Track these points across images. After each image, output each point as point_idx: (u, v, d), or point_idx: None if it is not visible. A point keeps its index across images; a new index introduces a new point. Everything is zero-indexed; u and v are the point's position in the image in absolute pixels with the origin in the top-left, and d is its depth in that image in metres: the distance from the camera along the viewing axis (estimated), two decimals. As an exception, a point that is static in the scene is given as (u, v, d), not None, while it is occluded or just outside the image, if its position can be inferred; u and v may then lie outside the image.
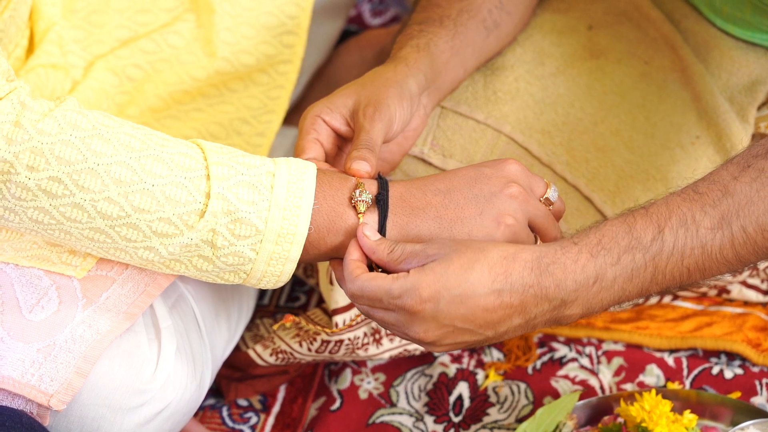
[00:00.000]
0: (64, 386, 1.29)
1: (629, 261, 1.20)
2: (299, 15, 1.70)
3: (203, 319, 1.51)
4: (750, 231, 1.20)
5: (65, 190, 1.22)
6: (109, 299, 1.33)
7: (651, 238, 1.20)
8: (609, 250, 1.20)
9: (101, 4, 1.68)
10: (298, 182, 1.24)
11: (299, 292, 1.83)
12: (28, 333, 1.30)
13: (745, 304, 1.69)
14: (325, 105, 1.37)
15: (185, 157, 1.24)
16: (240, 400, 1.69)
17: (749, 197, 1.20)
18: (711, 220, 1.20)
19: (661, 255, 1.20)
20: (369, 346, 1.61)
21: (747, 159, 1.23)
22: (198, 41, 1.68)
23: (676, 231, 1.20)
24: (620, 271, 1.20)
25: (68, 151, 1.21)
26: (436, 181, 1.29)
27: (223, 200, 1.23)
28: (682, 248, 1.20)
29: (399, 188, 1.28)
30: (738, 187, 1.21)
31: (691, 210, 1.20)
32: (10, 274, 1.33)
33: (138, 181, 1.22)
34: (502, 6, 1.54)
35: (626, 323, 1.68)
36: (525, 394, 1.63)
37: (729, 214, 1.20)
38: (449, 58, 1.47)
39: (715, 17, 1.63)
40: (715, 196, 1.21)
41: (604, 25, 1.66)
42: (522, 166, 1.29)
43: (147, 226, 1.24)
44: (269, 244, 1.25)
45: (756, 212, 1.20)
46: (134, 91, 1.67)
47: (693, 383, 1.62)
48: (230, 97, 1.68)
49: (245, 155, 1.26)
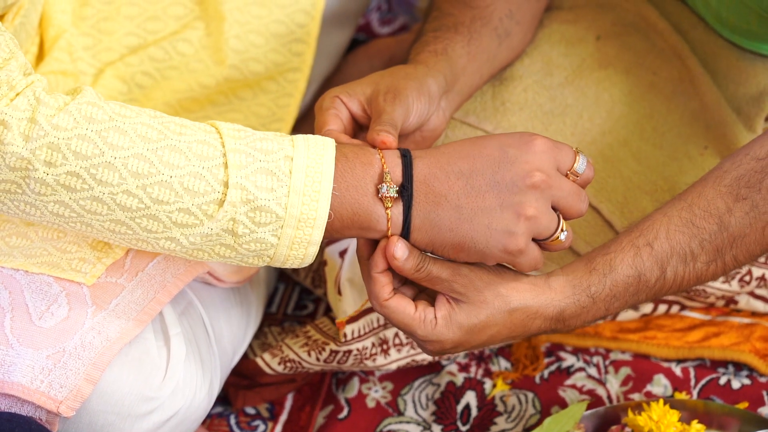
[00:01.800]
0: (74, 393, 1.29)
1: (634, 300, 1.34)
2: (308, 23, 1.70)
3: (212, 327, 1.51)
4: (741, 259, 1.34)
5: (84, 185, 1.21)
6: (118, 306, 1.34)
7: (655, 279, 1.32)
8: (619, 299, 1.32)
9: (111, 11, 1.68)
10: (317, 166, 1.22)
11: (307, 301, 1.83)
12: (37, 339, 1.30)
13: (753, 315, 1.69)
14: (343, 89, 1.35)
15: (203, 145, 1.22)
16: (248, 408, 1.69)
17: (743, 231, 1.31)
18: (707, 256, 1.32)
19: (662, 290, 1.34)
20: (377, 356, 1.61)
21: (739, 187, 1.32)
22: (207, 49, 1.68)
23: (675, 268, 1.32)
24: (625, 306, 1.34)
25: (85, 145, 1.20)
26: (459, 160, 1.25)
27: (241, 189, 1.21)
28: (680, 282, 1.33)
29: (423, 169, 1.25)
30: (732, 221, 1.31)
31: (690, 245, 1.31)
32: (20, 281, 1.34)
33: (156, 173, 1.21)
34: (512, 15, 1.54)
35: (634, 333, 1.68)
36: (532, 404, 1.63)
37: (723, 247, 1.32)
38: (466, 64, 1.47)
39: (722, 28, 1.63)
40: (711, 229, 1.31)
41: (612, 36, 1.67)
42: (548, 144, 1.26)
43: (167, 217, 1.22)
44: (290, 229, 1.23)
45: (748, 243, 1.32)
46: (143, 98, 1.67)
47: (700, 393, 1.62)
48: (239, 105, 1.68)
49: (264, 138, 1.24)
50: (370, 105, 1.35)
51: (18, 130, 1.19)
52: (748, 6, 1.53)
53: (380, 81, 1.35)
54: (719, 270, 1.33)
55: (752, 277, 1.61)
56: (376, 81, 1.36)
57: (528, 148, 1.25)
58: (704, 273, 1.33)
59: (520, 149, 1.25)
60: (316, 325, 1.65)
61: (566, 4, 1.71)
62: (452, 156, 1.26)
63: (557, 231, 1.26)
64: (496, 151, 1.25)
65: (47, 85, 1.24)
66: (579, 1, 1.71)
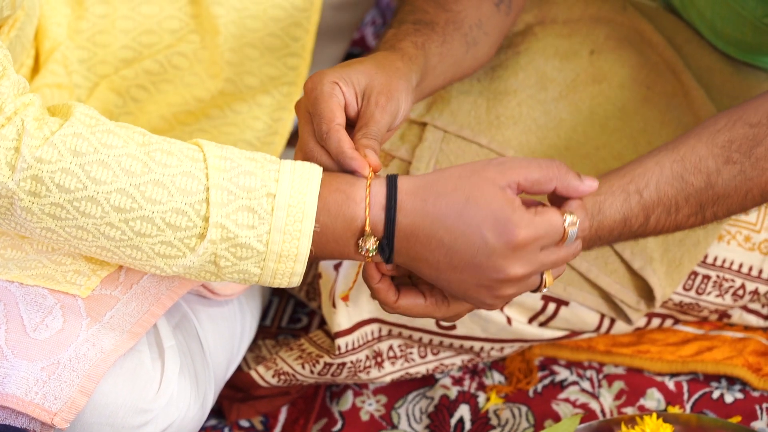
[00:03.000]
0: (68, 405, 1.29)
1: (615, 240, 1.40)
2: (303, 37, 1.70)
3: (206, 339, 1.51)
4: (720, 215, 1.40)
5: (68, 215, 1.22)
6: (113, 318, 1.34)
7: (638, 225, 1.37)
8: (602, 239, 1.37)
9: (106, 24, 1.68)
10: (299, 205, 1.22)
11: (301, 314, 1.83)
12: (32, 351, 1.30)
13: (746, 329, 1.70)
14: (340, 75, 1.32)
15: (187, 178, 1.22)
16: (242, 421, 1.69)
17: (727, 192, 1.37)
18: (690, 209, 1.38)
19: (642, 234, 1.39)
20: (371, 369, 1.61)
21: (730, 150, 1.37)
22: (202, 62, 1.69)
23: (659, 216, 1.37)
24: (604, 245, 1.40)
25: (68, 179, 1.21)
26: (442, 229, 1.23)
27: (222, 228, 1.22)
28: (660, 229, 1.39)
29: (406, 227, 1.24)
30: (719, 182, 1.36)
31: (676, 198, 1.37)
32: (14, 293, 1.34)
33: (138, 208, 1.22)
34: (482, 25, 1.54)
35: (627, 347, 1.68)
36: (526, 417, 1.63)
37: (706, 203, 1.38)
38: (437, 64, 1.46)
39: (717, 40, 1.63)
40: (699, 186, 1.37)
41: (606, 50, 1.67)
42: (530, 237, 1.22)
43: (150, 249, 1.24)
44: (272, 263, 1.24)
45: (729, 203, 1.38)
46: (138, 111, 1.67)
47: (693, 407, 1.62)
48: (234, 118, 1.68)
49: (248, 172, 1.23)
50: (361, 97, 1.33)
51: (5, 160, 1.20)
52: (742, 16, 1.53)
53: (375, 75, 1.33)
54: (698, 222, 1.40)
55: (745, 291, 1.62)
56: (370, 74, 1.33)
57: (511, 239, 1.22)
58: (684, 224, 1.39)
59: (501, 237, 1.22)
60: (310, 338, 1.65)
61: (560, 18, 1.72)
62: (436, 221, 1.23)
63: (539, 289, 1.28)
64: (477, 237, 1.22)
65: (40, 107, 1.25)
66: (573, 15, 1.72)
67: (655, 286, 1.55)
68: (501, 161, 1.25)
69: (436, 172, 1.26)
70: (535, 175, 1.24)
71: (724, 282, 1.61)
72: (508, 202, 1.22)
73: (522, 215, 1.22)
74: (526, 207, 1.24)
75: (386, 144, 1.61)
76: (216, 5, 1.68)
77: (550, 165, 1.25)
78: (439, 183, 1.24)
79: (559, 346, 1.69)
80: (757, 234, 1.60)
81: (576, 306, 1.58)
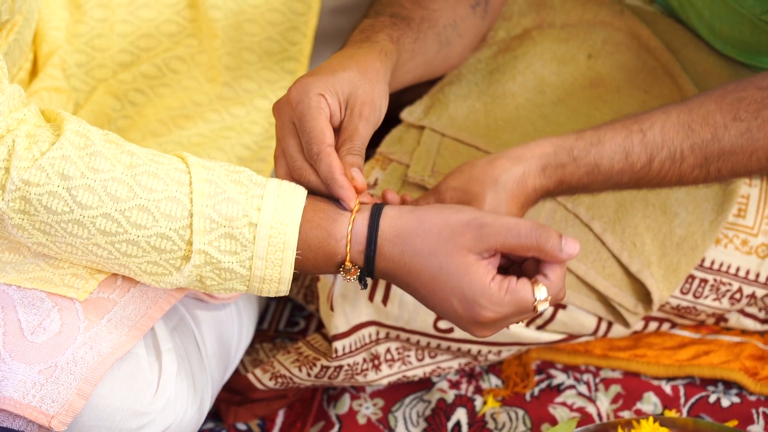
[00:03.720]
0: (65, 408, 1.29)
1: (618, 179, 1.38)
2: (301, 41, 1.71)
3: (203, 343, 1.51)
4: (724, 173, 1.39)
5: (56, 232, 1.26)
6: (110, 321, 1.34)
7: (641, 166, 1.36)
8: (602, 171, 1.36)
9: (104, 28, 1.69)
10: (280, 236, 1.25)
11: (299, 317, 1.83)
12: (29, 354, 1.30)
13: (743, 333, 1.70)
14: (326, 86, 1.33)
15: (171, 203, 1.25)
16: (239, 424, 1.69)
17: (733, 149, 1.36)
18: (695, 159, 1.37)
19: (645, 179, 1.38)
20: (368, 372, 1.62)
21: (738, 109, 1.37)
22: (200, 66, 1.69)
23: (663, 162, 1.36)
24: (609, 182, 1.38)
25: (55, 202, 1.24)
26: (416, 281, 1.26)
27: (205, 254, 1.25)
28: (663, 177, 1.38)
29: (384, 266, 1.27)
30: (726, 137, 1.36)
31: (681, 145, 1.36)
32: (12, 296, 1.34)
33: (123, 232, 1.25)
34: (456, 26, 1.55)
35: (624, 351, 1.68)
36: (523, 421, 1.63)
37: (712, 156, 1.37)
38: (407, 60, 1.47)
39: (715, 40, 1.63)
40: (705, 137, 1.36)
41: (603, 54, 1.67)
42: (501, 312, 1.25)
43: (137, 267, 1.28)
44: (256, 282, 1.27)
45: (734, 161, 1.38)
46: (136, 115, 1.67)
47: (690, 411, 1.62)
48: (232, 122, 1.68)
49: (229, 199, 1.25)
50: (345, 107, 1.34)
51: None
52: (740, 14, 1.54)
53: (358, 84, 1.34)
54: (701, 177, 1.39)
55: (743, 294, 1.62)
56: (354, 82, 1.34)
57: (473, 320, 1.26)
58: (687, 175, 1.38)
59: (467, 314, 1.26)
60: (307, 342, 1.65)
61: (558, 22, 1.72)
62: (412, 274, 1.27)
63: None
64: (447, 303, 1.26)
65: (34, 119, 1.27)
66: (571, 20, 1.72)
67: (652, 290, 1.56)
68: (481, 224, 1.25)
69: (418, 217, 1.27)
70: (513, 243, 1.24)
71: (721, 285, 1.61)
72: (479, 279, 1.24)
73: (490, 297, 1.24)
74: (503, 275, 1.26)
75: (384, 147, 1.62)
76: (214, 9, 1.68)
77: (529, 234, 1.24)
78: (417, 238, 1.26)
79: (556, 350, 1.70)
80: (755, 238, 1.60)
81: (574, 309, 1.58)
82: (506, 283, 1.24)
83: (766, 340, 1.69)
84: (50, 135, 1.25)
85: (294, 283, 1.79)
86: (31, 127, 1.25)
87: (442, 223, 1.26)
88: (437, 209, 1.27)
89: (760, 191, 1.60)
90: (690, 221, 1.57)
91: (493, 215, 1.26)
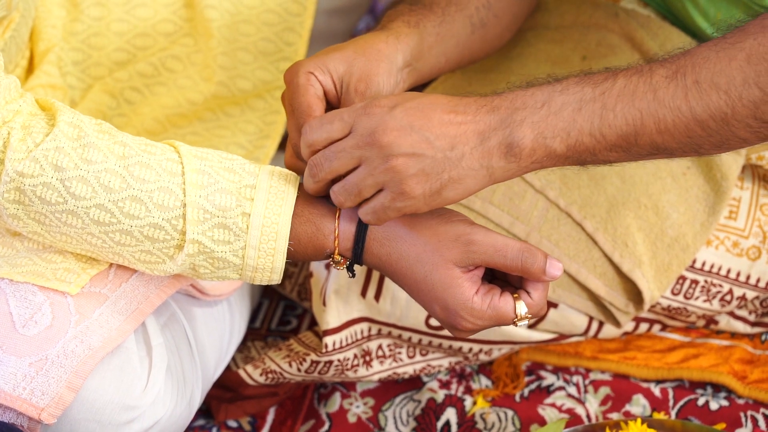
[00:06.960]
0: (55, 400, 1.30)
1: (577, 91, 1.23)
2: (296, 42, 1.71)
3: (195, 339, 1.51)
4: (704, 86, 1.22)
5: (51, 222, 1.28)
6: (102, 316, 1.34)
7: (603, 78, 1.24)
8: (559, 83, 1.25)
9: (101, 27, 1.69)
10: (273, 226, 1.27)
11: (291, 316, 1.84)
12: (20, 347, 1.30)
13: (732, 337, 1.70)
14: (316, 64, 1.34)
15: (164, 193, 1.26)
16: (230, 422, 1.69)
17: (707, 56, 1.22)
18: (666, 70, 1.22)
19: (611, 91, 1.23)
20: (359, 367, 1.62)
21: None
22: (195, 66, 1.69)
23: (629, 76, 1.23)
24: (568, 99, 1.24)
25: (49, 192, 1.25)
26: (401, 281, 1.30)
27: (198, 244, 1.27)
28: (634, 89, 1.23)
29: (372, 261, 1.30)
30: (698, 50, 1.23)
31: (648, 62, 1.24)
32: (4, 290, 1.34)
33: (116, 222, 1.26)
34: (490, 6, 1.54)
35: (614, 353, 1.68)
36: (512, 421, 1.63)
37: (684, 67, 1.22)
38: (434, 44, 1.46)
39: (709, 27, 1.63)
40: (674, 54, 1.24)
41: (597, 57, 1.68)
42: (481, 324, 1.28)
43: (131, 255, 1.30)
44: (249, 271, 1.29)
45: (711, 68, 1.22)
46: (131, 113, 1.68)
47: (679, 414, 1.63)
48: (227, 121, 1.69)
49: (224, 189, 1.27)
50: (341, 85, 1.35)
51: None
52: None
53: (353, 61, 1.35)
54: (680, 91, 1.22)
55: (733, 296, 1.62)
56: (348, 59, 1.35)
57: (454, 327, 1.29)
58: (663, 89, 1.23)
59: (448, 321, 1.29)
60: (299, 339, 1.65)
61: (552, 23, 1.72)
62: (397, 274, 1.30)
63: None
64: (429, 307, 1.30)
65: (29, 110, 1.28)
66: (565, 21, 1.72)
67: (643, 289, 1.56)
68: (468, 241, 1.27)
69: (408, 223, 1.29)
70: (498, 263, 1.26)
71: (712, 287, 1.62)
72: (462, 293, 1.26)
73: (472, 311, 1.26)
74: (487, 285, 1.28)
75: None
76: (210, 9, 1.68)
77: (515, 257, 1.26)
78: (405, 243, 1.28)
79: (546, 352, 1.70)
80: (746, 240, 1.61)
81: (565, 308, 1.59)
82: (489, 299, 1.27)
83: (755, 344, 1.69)
84: (44, 126, 1.27)
85: (288, 280, 1.80)
86: (26, 117, 1.27)
87: (430, 232, 1.28)
88: (428, 216, 1.29)
89: (752, 194, 1.61)
90: (682, 222, 1.57)
91: (482, 232, 1.27)
